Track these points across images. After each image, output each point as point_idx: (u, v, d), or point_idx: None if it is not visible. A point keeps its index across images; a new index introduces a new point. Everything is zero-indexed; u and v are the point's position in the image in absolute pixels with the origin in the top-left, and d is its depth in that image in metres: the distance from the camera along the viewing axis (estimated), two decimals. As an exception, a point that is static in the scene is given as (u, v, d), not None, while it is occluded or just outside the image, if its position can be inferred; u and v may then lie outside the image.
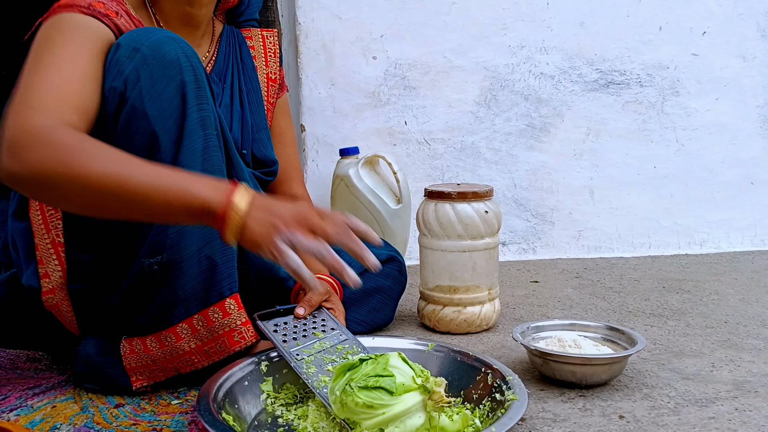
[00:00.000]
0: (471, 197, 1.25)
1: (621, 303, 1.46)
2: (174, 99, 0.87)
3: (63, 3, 0.92)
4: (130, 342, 0.96)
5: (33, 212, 0.98)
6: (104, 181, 0.74)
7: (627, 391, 0.96)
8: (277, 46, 1.27)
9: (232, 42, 1.19)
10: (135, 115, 0.86)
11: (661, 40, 2.03)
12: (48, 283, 0.97)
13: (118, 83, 0.86)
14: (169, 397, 0.97)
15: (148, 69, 0.86)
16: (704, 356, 1.10)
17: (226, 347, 0.95)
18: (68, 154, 0.74)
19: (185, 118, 0.88)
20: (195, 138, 0.89)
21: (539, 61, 2.02)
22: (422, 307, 1.33)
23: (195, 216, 0.76)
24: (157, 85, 0.87)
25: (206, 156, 0.90)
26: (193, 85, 0.89)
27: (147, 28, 0.90)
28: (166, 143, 0.87)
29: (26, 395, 0.99)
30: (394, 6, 1.95)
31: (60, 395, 0.99)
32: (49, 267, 0.97)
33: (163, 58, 0.87)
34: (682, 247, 2.05)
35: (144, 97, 0.86)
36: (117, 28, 0.93)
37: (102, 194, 0.75)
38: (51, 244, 0.96)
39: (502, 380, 0.85)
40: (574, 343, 1.00)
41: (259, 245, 0.75)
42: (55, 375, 1.08)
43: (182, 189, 0.75)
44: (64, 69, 0.83)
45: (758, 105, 2.06)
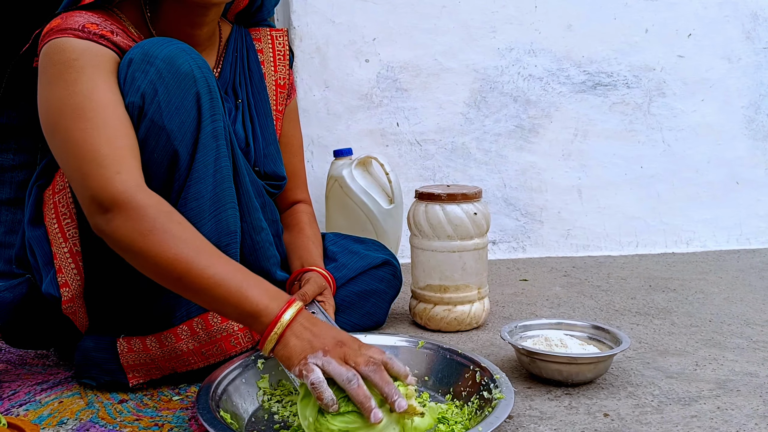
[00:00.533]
0: (460, 199, 1.28)
1: (608, 302, 1.50)
2: (191, 112, 0.89)
3: (55, 26, 0.91)
4: (129, 341, 0.99)
5: (49, 220, 1.00)
6: (176, 267, 0.79)
7: (612, 389, 0.99)
8: (286, 48, 1.24)
9: (239, 47, 1.16)
10: (154, 130, 0.88)
11: (648, 42, 2.07)
12: (68, 292, 0.99)
13: (136, 98, 0.88)
14: (170, 393, 1.00)
15: (164, 83, 0.88)
16: (688, 355, 1.14)
17: (222, 350, 0.99)
18: (151, 232, 0.80)
19: (200, 130, 0.90)
20: (208, 149, 0.91)
21: (528, 64, 2.05)
22: (413, 306, 1.36)
23: (243, 319, 0.80)
24: (173, 99, 0.88)
25: (218, 167, 0.93)
26: (207, 97, 0.91)
27: (157, 40, 0.90)
28: (183, 156, 0.90)
29: (34, 390, 1.03)
30: (386, 10, 1.98)
31: (67, 390, 1.02)
32: (69, 276, 0.98)
33: (177, 71, 0.88)
34: (669, 245, 2.09)
35: (162, 111, 0.88)
36: (116, 47, 0.93)
37: (170, 276, 0.80)
38: (69, 253, 0.98)
39: (489, 378, 0.88)
40: (560, 342, 1.03)
41: (291, 360, 0.76)
42: (62, 371, 1.11)
43: (243, 295, 0.79)
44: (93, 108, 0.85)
45: (743, 106, 2.10)
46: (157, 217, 0.81)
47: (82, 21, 0.92)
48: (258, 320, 0.78)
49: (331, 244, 1.31)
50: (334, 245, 1.30)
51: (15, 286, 1.06)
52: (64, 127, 0.86)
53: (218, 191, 0.94)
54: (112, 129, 0.85)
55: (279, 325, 0.77)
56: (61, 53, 0.89)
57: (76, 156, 0.84)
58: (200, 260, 0.79)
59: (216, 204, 0.93)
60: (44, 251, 1.00)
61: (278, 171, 1.18)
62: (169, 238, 0.80)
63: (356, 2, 1.98)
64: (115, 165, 0.83)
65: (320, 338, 0.77)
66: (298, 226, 1.24)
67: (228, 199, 0.95)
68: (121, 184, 0.82)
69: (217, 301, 0.79)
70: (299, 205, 1.29)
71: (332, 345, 0.76)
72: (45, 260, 1.00)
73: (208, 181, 0.92)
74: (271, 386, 0.95)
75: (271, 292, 0.80)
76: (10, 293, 1.05)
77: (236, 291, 0.78)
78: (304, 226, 1.24)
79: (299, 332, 0.77)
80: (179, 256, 0.79)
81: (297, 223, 1.25)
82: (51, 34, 0.91)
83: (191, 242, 0.81)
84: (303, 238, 1.21)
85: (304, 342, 0.76)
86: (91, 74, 0.88)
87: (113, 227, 0.81)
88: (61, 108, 0.86)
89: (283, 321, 0.77)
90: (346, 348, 0.76)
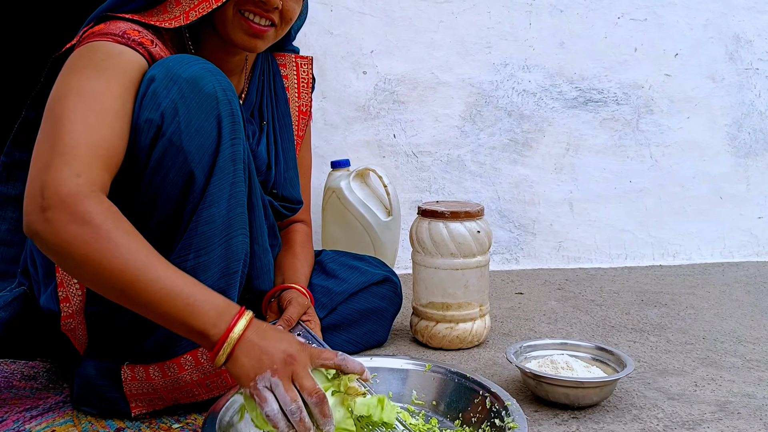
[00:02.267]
0: (464, 216, 1.30)
1: (603, 317, 1.54)
2: (211, 134, 0.87)
3: (96, 31, 0.91)
4: (133, 369, 0.96)
5: None
6: (120, 279, 0.75)
7: (617, 412, 1.03)
8: (310, 76, 1.24)
9: (266, 72, 1.16)
10: (171, 149, 0.86)
11: (637, 60, 2.12)
12: (68, 307, 0.96)
13: (155, 115, 0.85)
14: (170, 421, 0.97)
15: (186, 103, 0.85)
16: (687, 375, 1.18)
17: (228, 382, 0.97)
18: (96, 238, 0.75)
19: (218, 153, 0.88)
20: (225, 173, 0.89)
21: (522, 79, 2.09)
22: (415, 323, 1.38)
23: (191, 336, 0.77)
24: (194, 120, 0.86)
25: (233, 191, 0.91)
26: (229, 120, 0.89)
27: (182, 58, 0.88)
28: (199, 178, 0.88)
29: (23, 418, 0.97)
30: (384, 23, 2.00)
31: (59, 417, 0.97)
32: (70, 291, 0.96)
33: (200, 92, 0.86)
34: (656, 258, 2.15)
35: (182, 132, 0.85)
36: (151, 57, 0.92)
37: (114, 289, 0.76)
38: None
39: (501, 406, 0.90)
40: (566, 365, 1.06)
41: (242, 380, 0.76)
42: (51, 395, 1.06)
43: (191, 311, 0.76)
44: (94, 109, 0.82)
45: (726, 124, 2.17)
46: (103, 225, 0.76)
47: (125, 27, 0.91)
48: (206, 338, 0.76)
49: (330, 261, 1.31)
50: (333, 262, 1.31)
51: (9, 302, 1.03)
52: (58, 114, 0.81)
53: (231, 216, 0.91)
54: (100, 135, 0.81)
55: (228, 343, 0.76)
56: (91, 52, 0.87)
57: (52, 144, 0.79)
58: (148, 272, 0.75)
59: (228, 229, 0.92)
60: (45, 262, 0.97)
61: (296, 195, 1.19)
62: (114, 247, 0.75)
63: (354, 14, 1.99)
64: (80, 167, 0.78)
65: (269, 355, 0.76)
66: (290, 245, 1.24)
67: (239, 225, 0.93)
68: (74, 187, 0.76)
69: (163, 316, 0.77)
70: (297, 225, 1.29)
71: (281, 363, 0.75)
72: (45, 271, 0.98)
73: (222, 205, 0.89)
74: None
75: (221, 306, 0.78)
76: (5, 312, 1.02)
77: (184, 307, 0.75)
78: (294, 246, 1.23)
79: (247, 349, 0.76)
80: (125, 267, 0.75)
81: (289, 241, 1.25)
82: (91, 37, 0.90)
83: (139, 253, 0.76)
84: (291, 256, 1.20)
85: (254, 360, 0.75)
86: (110, 78, 0.85)
87: (52, 228, 0.75)
88: (64, 95, 0.83)
89: (231, 338, 0.76)
90: (295, 365, 0.76)
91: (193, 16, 0.94)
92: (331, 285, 1.23)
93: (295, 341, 0.79)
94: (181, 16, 0.95)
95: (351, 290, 1.25)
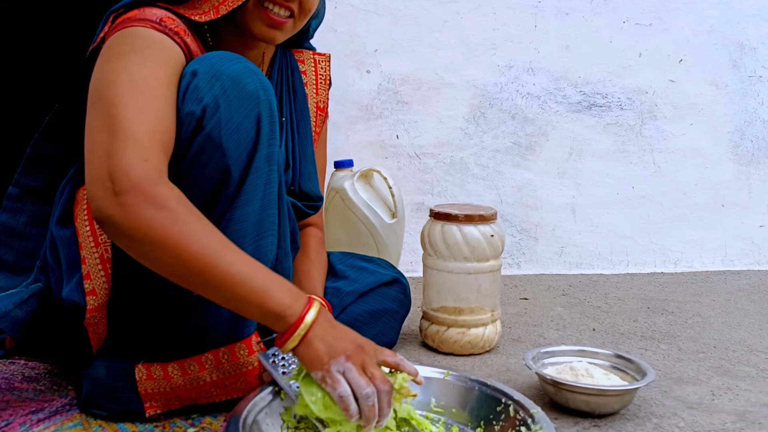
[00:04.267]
0: (477, 220, 1.28)
1: (611, 324, 1.52)
2: (249, 133, 0.86)
3: (133, 17, 0.89)
4: (149, 367, 0.94)
5: (80, 222, 0.94)
6: (200, 262, 0.76)
7: (637, 420, 1.00)
8: (328, 72, 1.23)
9: (285, 67, 1.15)
10: (210, 145, 0.85)
11: (641, 65, 2.11)
12: (94, 300, 0.93)
13: (197, 108, 0.84)
14: (184, 425, 0.95)
15: (228, 100, 0.85)
16: (702, 384, 1.16)
17: (247, 384, 0.94)
18: (174, 222, 0.76)
19: (255, 152, 0.87)
20: (260, 173, 0.88)
21: (526, 82, 2.07)
22: (425, 327, 1.35)
23: (265, 318, 0.79)
24: (235, 117, 0.85)
25: (266, 191, 0.90)
26: (268, 120, 0.88)
27: (224, 55, 0.88)
28: (235, 176, 0.87)
29: (30, 421, 0.94)
30: (389, 22, 1.97)
31: (67, 421, 0.94)
32: (97, 283, 0.93)
33: (242, 90, 0.86)
34: (658, 265, 2.14)
35: (222, 128, 0.84)
36: (187, 48, 0.91)
37: (192, 273, 0.77)
38: (100, 259, 0.93)
39: (526, 413, 0.87)
40: (586, 372, 1.03)
41: (314, 364, 0.78)
42: (56, 398, 1.03)
43: (267, 293, 0.78)
44: (147, 95, 0.81)
45: (729, 131, 2.17)
46: (179, 208, 0.77)
47: (160, 14, 0.90)
48: (282, 320, 0.78)
49: (339, 262, 1.29)
50: (341, 264, 1.29)
51: (26, 300, 1.01)
52: (111, 99, 0.81)
53: (263, 216, 0.90)
54: (156, 120, 0.81)
55: (302, 325, 0.78)
56: (133, 38, 0.86)
57: (110, 130, 0.79)
58: (224, 257, 0.77)
59: (259, 229, 0.90)
60: (70, 253, 0.95)
61: (315, 190, 1.17)
62: (192, 231, 0.76)
63: (359, 12, 1.96)
64: (145, 152, 0.78)
65: (341, 341, 0.79)
66: (304, 249, 1.21)
67: (270, 226, 0.92)
68: (144, 171, 0.77)
69: (238, 299, 0.78)
70: (310, 229, 1.26)
71: (353, 350, 0.78)
72: (70, 263, 0.95)
73: (256, 205, 0.89)
74: (295, 418, 0.93)
75: (293, 291, 0.81)
76: (21, 310, 0.99)
77: (260, 289, 0.77)
78: (309, 251, 1.21)
79: (321, 334, 0.78)
80: (204, 251, 0.76)
81: (304, 246, 1.22)
82: (127, 23, 0.89)
83: (215, 237, 0.78)
84: (307, 262, 1.18)
85: (327, 345, 0.78)
86: (156, 64, 0.85)
87: (127, 213, 0.75)
88: (113, 81, 0.82)
89: (306, 321, 0.78)
90: (365, 354, 0.79)
91: (223, 10, 0.94)
92: (340, 285, 1.21)
93: (359, 335, 0.82)
94: (211, 10, 0.94)
95: (361, 290, 1.23)
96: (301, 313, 0.78)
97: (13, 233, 1.05)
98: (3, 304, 0.98)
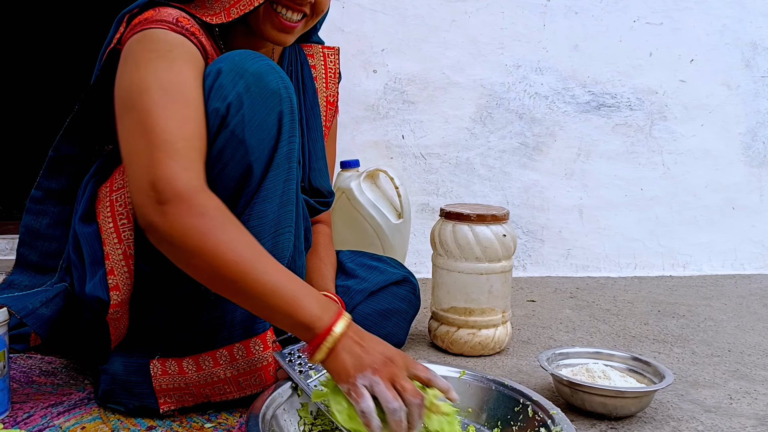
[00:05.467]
0: (490, 220, 1.25)
1: (622, 327, 1.49)
2: (271, 130, 0.87)
3: (149, 18, 0.89)
4: (164, 362, 0.93)
5: (103, 219, 0.94)
6: (233, 270, 0.76)
7: (655, 423, 0.98)
8: (337, 66, 1.22)
9: (294, 62, 1.14)
10: (233, 142, 0.85)
11: (651, 65, 2.09)
12: (117, 296, 0.93)
13: (221, 106, 0.85)
14: (201, 420, 0.94)
15: (251, 97, 0.85)
16: (719, 387, 1.13)
17: (261, 381, 0.93)
18: (212, 230, 0.77)
19: (276, 150, 0.87)
20: (280, 170, 0.88)
21: (534, 81, 2.05)
22: (434, 328, 1.32)
23: (294, 329, 0.79)
24: (257, 115, 0.85)
25: (285, 189, 0.90)
26: (289, 117, 0.88)
27: (246, 53, 0.88)
28: (256, 173, 0.87)
29: (50, 414, 0.95)
30: (396, 21, 1.95)
31: (86, 414, 0.95)
32: (120, 279, 0.93)
33: (265, 88, 0.86)
34: (666, 268, 2.11)
35: (245, 125, 0.85)
36: (202, 47, 0.91)
37: (227, 281, 0.77)
38: (123, 256, 0.92)
39: (546, 414, 0.85)
40: (603, 374, 1.01)
41: (341, 377, 0.76)
42: (74, 391, 1.04)
43: (297, 304, 0.77)
44: (180, 102, 0.82)
45: (740, 132, 2.14)
46: (217, 218, 0.78)
47: (175, 14, 0.90)
48: (310, 331, 0.77)
49: (349, 261, 1.28)
50: (351, 262, 1.28)
51: (51, 299, 1.01)
52: (144, 108, 0.81)
53: (281, 213, 0.90)
54: (191, 127, 0.82)
55: (330, 338, 0.77)
56: (155, 42, 0.86)
57: (149, 139, 0.80)
58: (259, 266, 0.77)
59: (277, 226, 0.90)
60: (93, 250, 0.95)
61: (326, 185, 1.16)
62: (228, 240, 0.77)
63: (366, 12, 1.94)
64: (185, 161, 0.80)
65: (370, 354, 0.77)
66: (314, 247, 1.21)
67: (288, 223, 0.92)
68: (186, 180, 0.78)
69: (269, 308, 0.78)
70: (318, 226, 1.26)
71: (381, 363, 0.76)
72: (93, 259, 0.95)
73: (275, 201, 0.89)
74: (311, 414, 0.91)
75: (323, 302, 0.79)
76: (47, 308, 0.99)
77: (291, 300, 0.77)
78: (319, 248, 1.21)
79: (349, 347, 0.77)
80: (238, 259, 0.76)
81: (313, 243, 1.22)
82: (144, 24, 0.88)
83: (250, 246, 0.79)
84: (317, 260, 1.18)
85: (354, 358, 0.76)
86: (183, 67, 0.85)
87: (170, 221, 0.77)
88: (145, 89, 0.82)
89: (335, 334, 0.77)
90: (394, 367, 0.76)
91: (234, 13, 0.93)
92: (351, 284, 1.19)
93: (390, 346, 0.80)
94: (222, 12, 0.94)
95: (371, 289, 1.21)
96: (329, 324, 0.77)
97: (37, 234, 1.06)
98: (29, 302, 0.98)
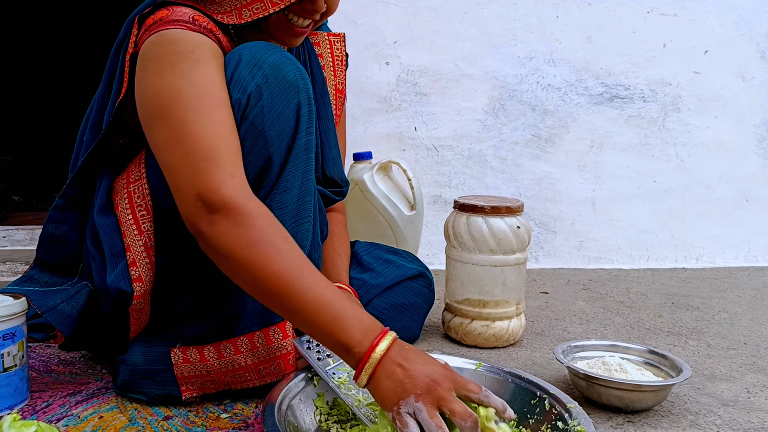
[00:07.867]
0: (504, 212, 1.25)
1: (636, 319, 1.49)
2: (290, 121, 0.87)
3: (164, 18, 0.88)
4: (185, 351, 0.94)
5: (121, 210, 0.94)
6: (276, 284, 0.76)
7: (673, 417, 0.98)
8: (343, 52, 1.22)
9: (302, 53, 1.14)
10: (253, 133, 0.85)
11: (665, 57, 2.07)
12: (140, 287, 0.93)
13: (242, 97, 0.85)
14: (217, 410, 0.95)
15: (270, 88, 0.85)
16: (736, 380, 1.13)
17: (280, 369, 0.94)
18: (258, 242, 0.76)
19: (295, 140, 0.88)
20: (299, 161, 0.89)
21: (547, 73, 2.03)
22: (448, 320, 1.32)
23: (336, 350, 0.76)
24: (276, 106, 0.86)
25: (304, 179, 0.90)
26: (306, 108, 0.89)
27: (263, 45, 0.88)
28: (276, 164, 0.87)
29: (69, 403, 0.96)
30: (408, 13, 1.94)
31: (104, 404, 0.96)
32: (143, 270, 0.93)
33: (283, 79, 0.86)
34: (679, 260, 2.10)
35: (265, 116, 0.85)
36: (220, 43, 0.90)
37: (271, 294, 0.76)
38: (144, 247, 0.92)
39: (563, 408, 0.85)
40: (619, 367, 1.01)
41: (384, 404, 0.73)
42: (92, 381, 1.05)
43: (338, 325, 0.75)
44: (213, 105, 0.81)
45: (755, 124, 2.13)
46: (266, 229, 0.77)
47: (191, 13, 0.89)
48: (350, 355, 0.75)
49: (365, 254, 1.28)
50: (368, 255, 1.27)
51: (73, 296, 1.00)
52: (177, 116, 0.80)
53: (301, 204, 0.90)
54: (227, 128, 0.81)
55: (369, 363, 0.73)
56: (175, 44, 0.85)
57: (188, 148, 0.79)
58: (302, 281, 0.76)
59: (297, 217, 0.91)
60: (113, 241, 0.95)
61: (341, 174, 1.17)
62: (274, 253, 0.76)
63: (378, 4, 1.93)
64: (230, 167, 0.79)
65: (413, 379, 0.72)
66: (329, 237, 1.20)
67: (307, 213, 0.92)
68: (234, 189, 0.78)
69: (310, 325, 0.76)
70: (333, 215, 1.25)
71: (425, 387, 0.72)
72: (114, 251, 0.95)
73: (294, 192, 0.89)
74: (327, 404, 0.91)
75: (366, 324, 0.76)
76: (68, 305, 0.99)
77: (332, 320, 0.75)
78: (333, 238, 1.20)
79: (391, 371, 0.73)
80: (282, 273, 0.75)
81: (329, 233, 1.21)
82: (160, 25, 0.87)
83: (296, 260, 0.77)
84: (331, 250, 1.18)
85: (396, 383, 0.73)
86: (207, 68, 0.84)
87: (218, 231, 0.76)
88: (176, 96, 0.81)
89: (374, 358, 0.73)
90: (440, 390, 0.72)
91: (246, 15, 0.91)
92: (366, 278, 1.19)
93: (438, 365, 0.75)
94: (233, 12, 0.92)
95: (387, 284, 1.22)
96: (368, 349, 0.74)
97: (57, 241, 1.06)
98: (51, 299, 0.98)
